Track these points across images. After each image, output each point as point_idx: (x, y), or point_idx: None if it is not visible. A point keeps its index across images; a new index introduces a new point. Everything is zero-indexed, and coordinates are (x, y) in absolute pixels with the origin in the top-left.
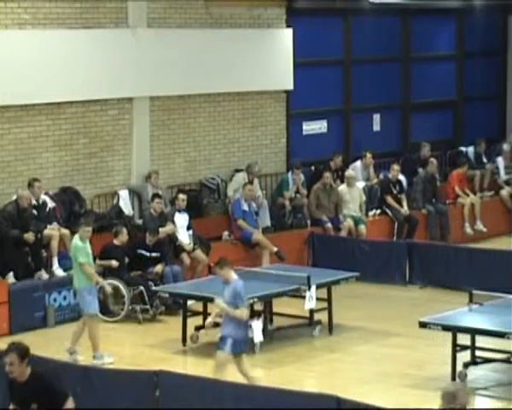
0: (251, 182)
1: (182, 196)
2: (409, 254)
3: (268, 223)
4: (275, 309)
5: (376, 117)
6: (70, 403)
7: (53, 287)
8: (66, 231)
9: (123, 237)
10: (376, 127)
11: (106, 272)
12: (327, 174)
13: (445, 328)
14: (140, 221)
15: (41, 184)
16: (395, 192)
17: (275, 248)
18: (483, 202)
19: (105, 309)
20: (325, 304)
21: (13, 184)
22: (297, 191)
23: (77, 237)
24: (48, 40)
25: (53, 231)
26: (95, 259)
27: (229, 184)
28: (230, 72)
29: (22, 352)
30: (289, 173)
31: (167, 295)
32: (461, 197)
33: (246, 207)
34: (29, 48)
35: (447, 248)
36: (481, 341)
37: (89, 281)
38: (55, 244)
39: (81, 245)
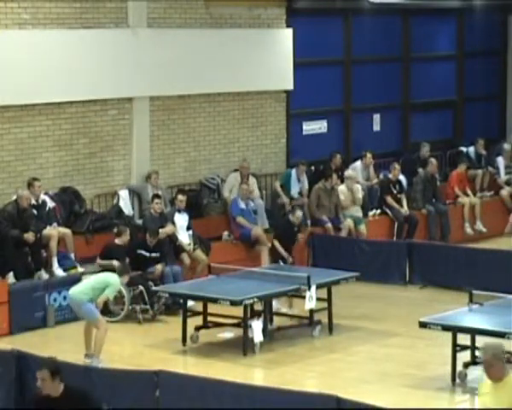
0: (246, 178)
1: (180, 197)
2: (409, 254)
3: (266, 224)
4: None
5: (376, 117)
6: None
7: (53, 287)
8: (67, 231)
9: (126, 237)
10: (376, 127)
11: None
12: (334, 177)
13: (445, 328)
14: (140, 221)
15: (41, 183)
16: (395, 192)
17: (269, 244)
18: (483, 202)
19: (105, 309)
20: (325, 304)
21: (13, 184)
22: (300, 191)
23: (118, 278)
24: (48, 40)
25: (52, 231)
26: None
27: (224, 185)
28: (230, 72)
29: (53, 369)
30: (293, 170)
31: (167, 295)
32: (460, 197)
33: (243, 206)
34: (29, 48)
35: (447, 248)
36: (481, 341)
37: (91, 299)
38: (54, 244)
39: (118, 284)
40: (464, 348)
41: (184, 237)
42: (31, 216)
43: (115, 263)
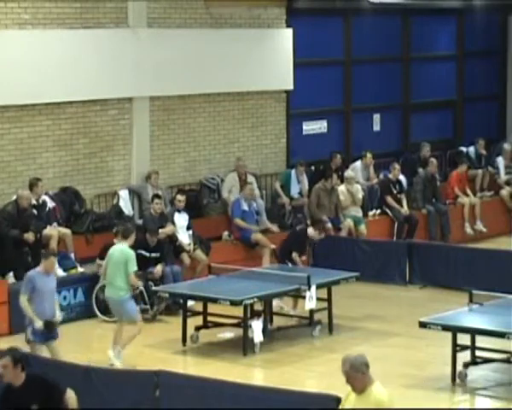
0: (244, 177)
1: (179, 197)
2: (409, 254)
3: (267, 225)
4: (275, 309)
5: (376, 117)
6: (70, 394)
7: None
8: (67, 231)
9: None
10: (376, 127)
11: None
12: (334, 177)
13: (445, 328)
14: (140, 221)
15: (43, 183)
16: (395, 192)
17: (273, 245)
18: (483, 202)
19: (105, 309)
20: (325, 304)
21: (13, 184)
22: (300, 191)
23: (125, 244)
24: (48, 40)
25: (52, 231)
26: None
27: (223, 185)
28: (230, 72)
29: (16, 357)
30: (292, 171)
31: (167, 295)
32: (460, 197)
33: (246, 207)
34: (29, 48)
35: (447, 248)
36: (481, 341)
37: (129, 289)
38: (54, 244)
39: (133, 253)
40: (464, 348)
41: (184, 237)
42: (31, 216)
43: None
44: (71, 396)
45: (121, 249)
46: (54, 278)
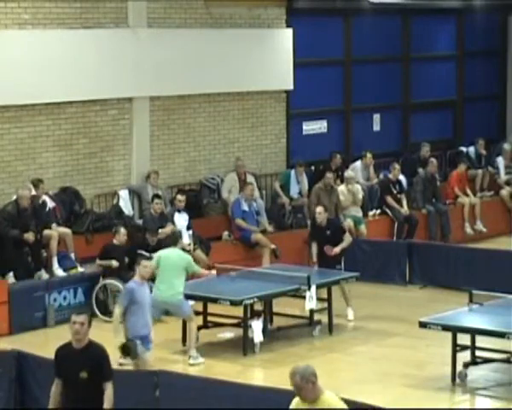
0: (243, 177)
1: (179, 197)
2: (409, 254)
3: (266, 226)
4: (275, 309)
5: (376, 117)
6: (110, 386)
7: (53, 287)
8: (67, 231)
9: (120, 236)
10: (376, 127)
11: (106, 272)
12: (329, 175)
13: (445, 328)
14: (140, 221)
15: (43, 185)
16: (395, 192)
17: (273, 245)
18: (483, 202)
19: (105, 309)
20: (325, 304)
21: (13, 184)
22: (299, 192)
23: (180, 250)
24: (48, 40)
25: (52, 231)
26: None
27: (222, 185)
28: (230, 72)
29: (90, 319)
30: (292, 171)
31: None
32: (460, 197)
33: (246, 208)
34: (29, 48)
35: (447, 248)
36: (481, 341)
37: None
38: (54, 244)
39: (190, 256)
40: (464, 348)
41: (184, 237)
42: (31, 216)
43: (114, 263)
44: (109, 388)
45: (178, 254)
46: (147, 286)
